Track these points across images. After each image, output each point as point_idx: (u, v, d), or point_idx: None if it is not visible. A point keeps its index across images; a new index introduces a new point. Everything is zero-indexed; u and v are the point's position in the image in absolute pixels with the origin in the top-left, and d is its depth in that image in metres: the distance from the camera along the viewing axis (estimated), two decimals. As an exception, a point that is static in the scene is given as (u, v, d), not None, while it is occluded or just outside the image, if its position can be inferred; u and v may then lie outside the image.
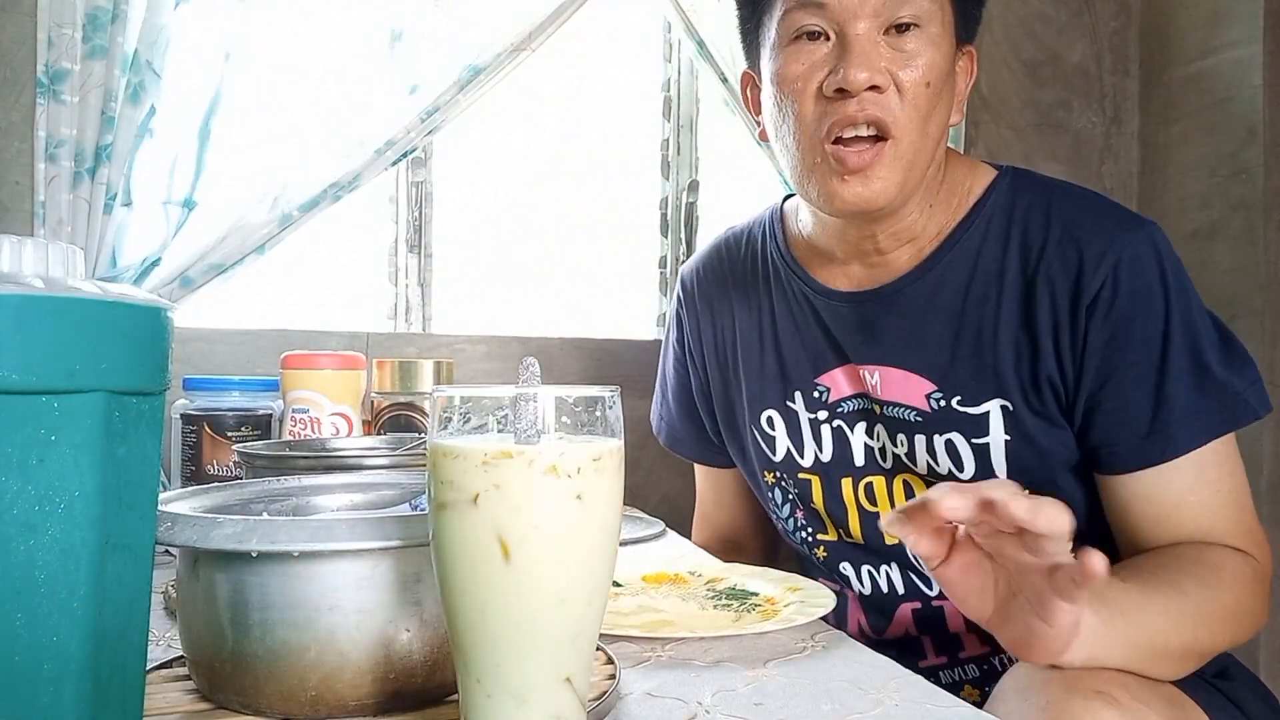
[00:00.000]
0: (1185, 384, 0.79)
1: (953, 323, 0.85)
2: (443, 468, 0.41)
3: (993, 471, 0.84)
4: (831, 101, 0.79)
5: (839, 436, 0.92)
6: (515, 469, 0.40)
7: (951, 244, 0.86)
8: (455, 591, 0.42)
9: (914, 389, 0.86)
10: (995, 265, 0.84)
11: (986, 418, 0.84)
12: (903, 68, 0.79)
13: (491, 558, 0.40)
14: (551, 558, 0.41)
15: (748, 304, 0.99)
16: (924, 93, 0.79)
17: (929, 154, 0.83)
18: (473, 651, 0.42)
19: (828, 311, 0.92)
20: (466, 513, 0.40)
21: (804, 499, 0.96)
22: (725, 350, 1.02)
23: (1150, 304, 0.79)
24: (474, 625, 0.41)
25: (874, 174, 0.79)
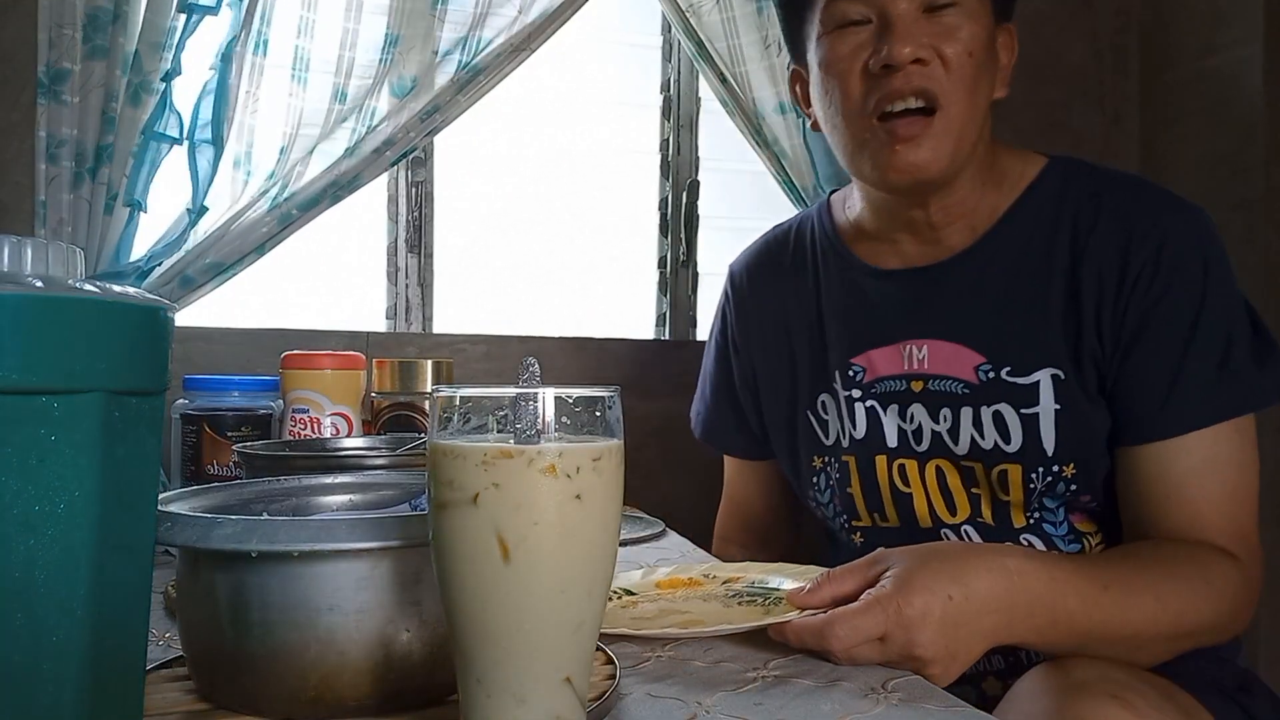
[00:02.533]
0: (1207, 363, 0.81)
1: (1003, 297, 0.87)
2: (442, 467, 0.41)
3: (1040, 444, 0.85)
4: (878, 78, 0.83)
5: (872, 416, 0.94)
6: (515, 469, 0.40)
7: (1004, 224, 0.89)
8: (455, 591, 0.42)
9: (963, 361, 0.88)
10: (1045, 245, 0.86)
11: (1036, 387, 0.85)
12: (944, 41, 0.82)
13: (491, 557, 0.40)
14: (551, 557, 0.41)
15: (798, 292, 1.02)
16: (968, 62, 0.83)
17: (977, 125, 0.85)
18: (472, 651, 0.42)
19: (875, 290, 0.94)
20: (466, 512, 0.40)
21: (842, 483, 0.97)
22: (779, 340, 1.03)
23: (1188, 282, 0.81)
24: (474, 625, 0.41)
25: (924, 143, 0.82)
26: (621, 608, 0.76)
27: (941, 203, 0.89)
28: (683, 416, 1.73)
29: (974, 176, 0.89)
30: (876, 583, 0.66)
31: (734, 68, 1.66)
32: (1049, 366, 0.85)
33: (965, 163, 0.86)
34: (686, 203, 1.84)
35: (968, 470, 0.89)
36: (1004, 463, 0.86)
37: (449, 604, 0.42)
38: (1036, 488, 0.85)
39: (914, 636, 0.62)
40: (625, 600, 0.78)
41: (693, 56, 1.69)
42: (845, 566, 0.71)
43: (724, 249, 1.88)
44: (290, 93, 1.43)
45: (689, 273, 1.85)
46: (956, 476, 0.90)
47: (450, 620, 0.43)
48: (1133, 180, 0.89)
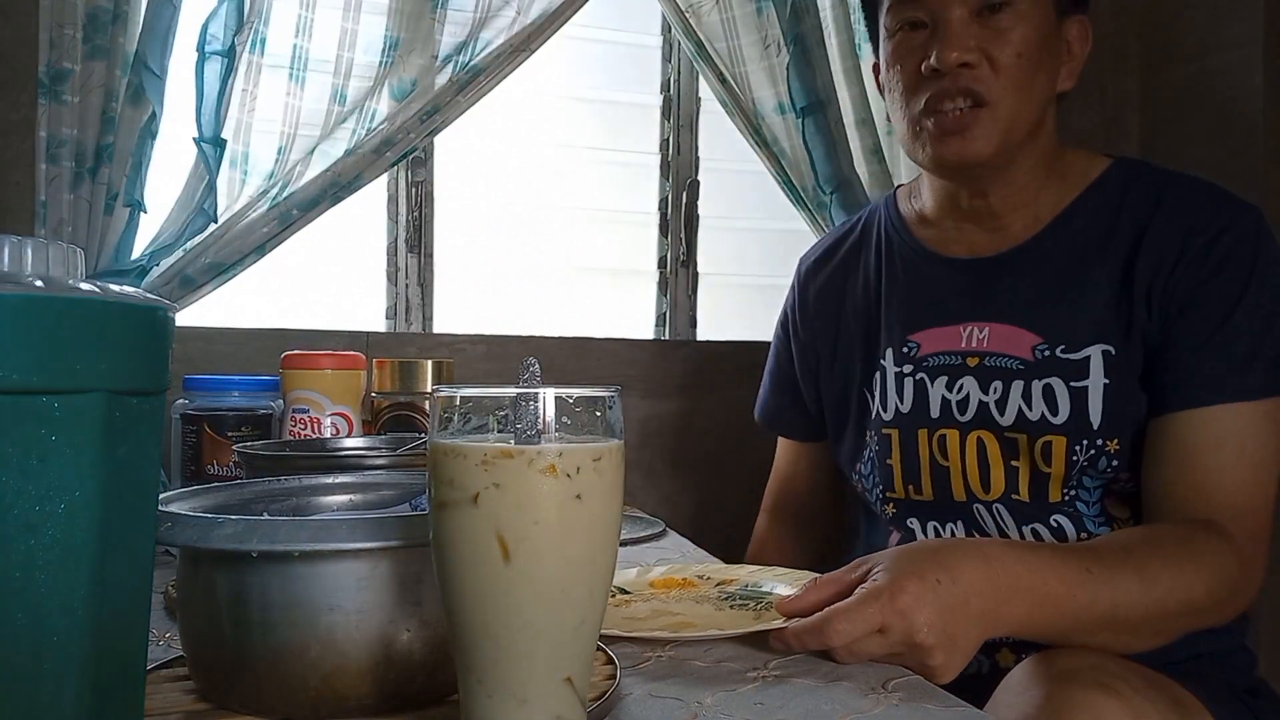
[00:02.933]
0: (1242, 344, 0.83)
1: (1061, 281, 0.91)
2: (443, 467, 0.41)
3: (1087, 416, 0.87)
4: (927, 79, 0.89)
5: (919, 388, 0.97)
6: (515, 469, 0.40)
7: (1066, 216, 0.93)
8: (455, 591, 0.42)
9: (1022, 342, 0.92)
10: (1104, 236, 0.90)
11: (1087, 362, 0.88)
12: (994, 44, 0.87)
13: (491, 557, 0.40)
14: (551, 557, 0.41)
15: (860, 275, 1.07)
16: (1016, 63, 0.87)
17: (1029, 118, 0.90)
18: (473, 651, 0.42)
19: (937, 275, 0.99)
20: (466, 512, 0.41)
21: (881, 454, 1.00)
22: (839, 322, 1.08)
23: (1237, 267, 0.85)
24: (474, 624, 0.41)
25: (971, 133, 0.88)
26: (614, 606, 0.76)
27: (1001, 192, 0.93)
28: (683, 416, 1.73)
29: (1035, 169, 0.93)
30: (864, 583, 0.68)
31: (734, 68, 1.66)
32: (1100, 342, 0.88)
33: (1018, 152, 0.91)
34: (686, 203, 1.84)
35: (1010, 442, 0.92)
36: (1049, 434, 0.89)
37: (449, 604, 0.42)
38: (1079, 461, 0.88)
39: (912, 621, 0.63)
40: (619, 599, 0.79)
41: (692, 57, 1.69)
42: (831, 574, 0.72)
43: (724, 249, 1.89)
44: (289, 93, 1.43)
45: (689, 273, 1.85)
46: (997, 448, 0.92)
47: (451, 620, 0.43)
48: (1195, 179, 0.92)
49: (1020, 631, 0.73)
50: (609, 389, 0.43)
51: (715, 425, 1.74)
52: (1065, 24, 0.92)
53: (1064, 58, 0.93)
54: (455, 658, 0.43)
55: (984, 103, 0.87)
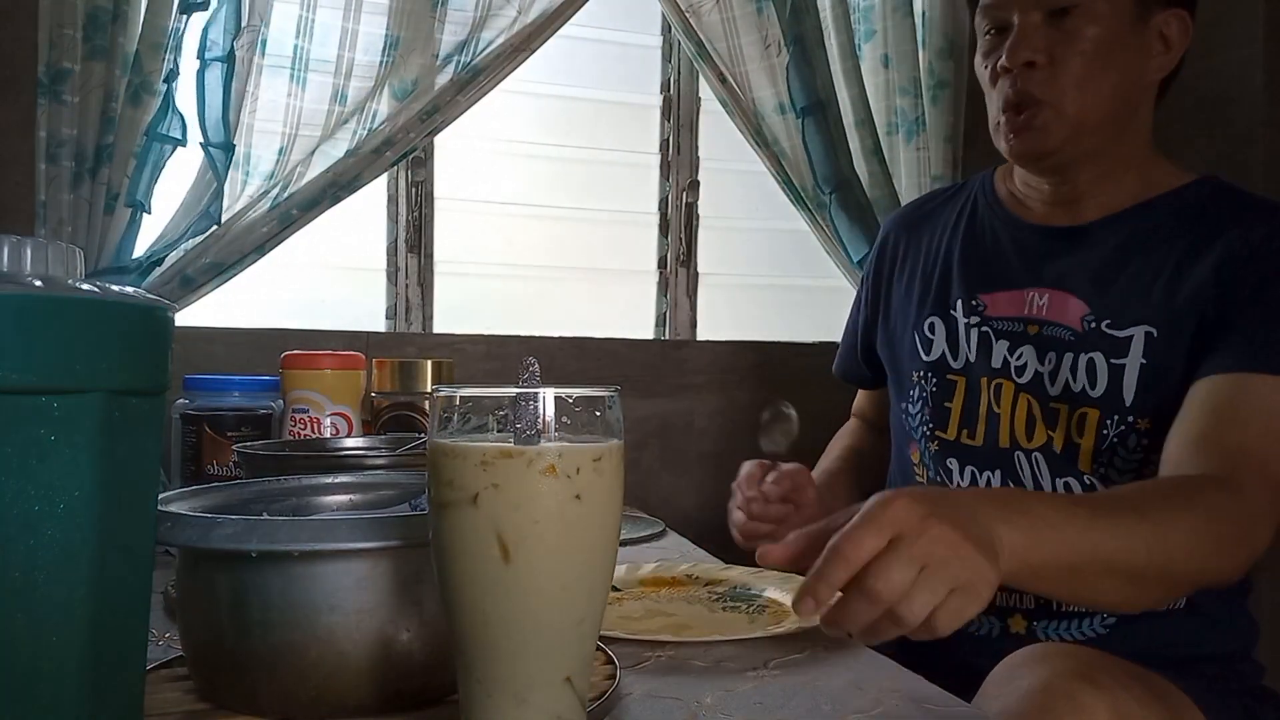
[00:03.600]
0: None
1: (1122, 259, 0.94)
2: (442, 467, 0.41)
3: (1121, 393, 0.90)
4: (999, 77, 0.96)
5: (984, 341, 1.01)
6: (514, 469, 0.40)
7: (1143, 208, 0.96)
8: (455, 591, 0.42)
9: (1072, 310, 0.95)
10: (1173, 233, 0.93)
11: (1129, 341, 0.91)
12: (1061, 45, 0.92)
13: (491, 557, 0.40)
14: (551, 557, 0.40)
15: (943, 228, 1.12)
16: (1078, 62, 0.92)
17: (1099, 111, 0.94)
18: (473, 651, 0.42)
19: (1016, 240, 1.03)
20: (466, 512, 0.40)
21: (939, 398, 1.04)
22: (914, 270, 1.12)
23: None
24: (474, 625, 0.41)
25: (1032, 131, 0.94)
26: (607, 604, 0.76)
27: (1084, 175, 0.97)
28: (683, 416, 1.73)
29: (1122, 158, 0.97)
30: None
31: (734, 68, 1.66)
32: (1145, 323, 0.90)
33: (1092, 141, 0.95)
34: (686, 203, 1.84)
35: (1053, 412, 0.94)
36: (1085, 406, 0.92)
37: (449, 604, 0.42)
38: (1109, 435, 0.90)
39: (915, 512, 0.57)
40: (610, 596, 0.79)
41: (693, 57, 1.69)
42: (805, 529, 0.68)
43: (724, 249, 1.89)
44: (290, 93, 1.43)
45: (689, 273, 1.85)
46: (1040, 412, 0.95)
47: (451, 620, 0.43)
48: (1272, 202, 0.95)
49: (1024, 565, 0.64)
50: (608, 389, 0.43)
51: (715, 425, 1.74)
52: (1154, 19, 0.95)
53: (1154, 50, 0.96)
54: (455, 657, 0.43)
55: (1041, 102, 0.92)
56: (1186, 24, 0.97)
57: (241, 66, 1.38)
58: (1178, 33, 0.97)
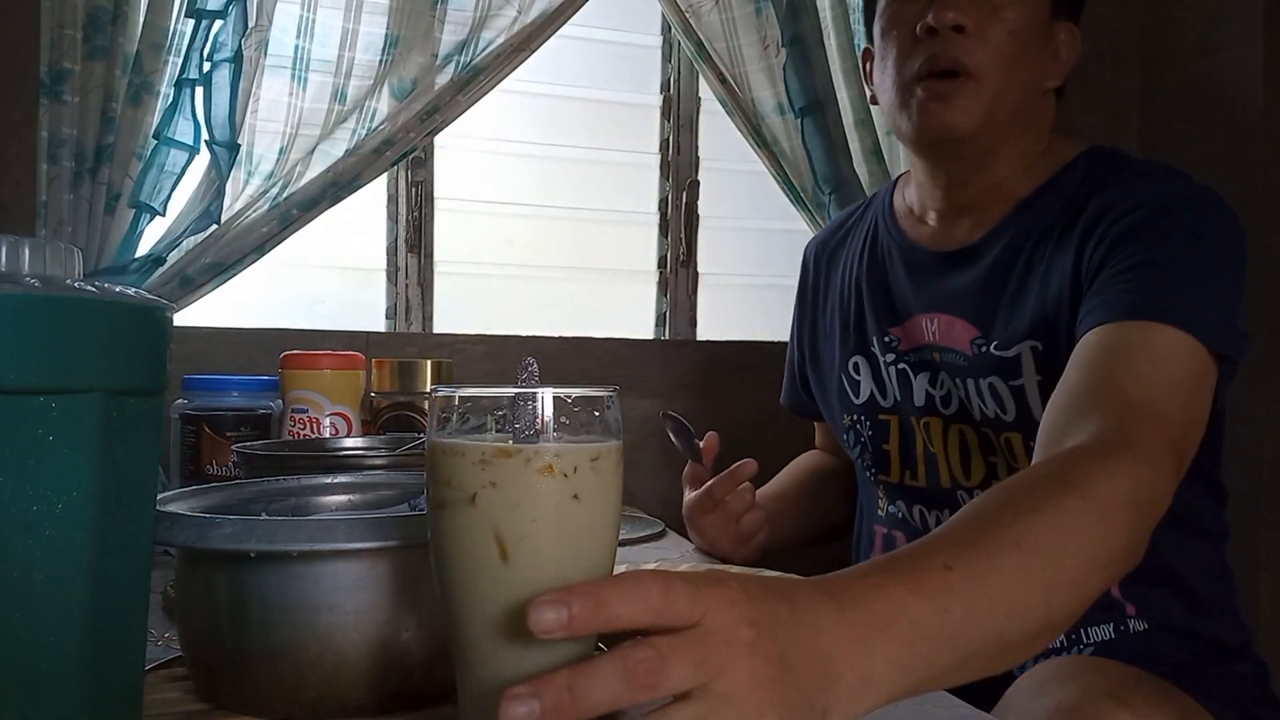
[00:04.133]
0: (1164, 279, 0.77)
1: (1003, 273, 0.90)
2: (441, 466, 0.41)
3: (1030, 413, 0.86)
4: (922, 43, 0.88)
5: (904, 378, 0.99)
6: (513, 468, 0.40)
7: (1023, 208, 0.92)
8: (454, 590, 0.42)
9: (960, 333, 0.92)
10: (1057, 227, 0.88)
11: (1018, 360, 0.87)
12: (989, 16, 0.87)
13: (489, 557, 0.40)
14: (549, 557, 0.41)
15: (852, 261, 1.08)
16: (1008, 40, 0.87)
17: (1014, 101, 0.89)
18: (471, 651, 0.42)
19: (909, 265, 0.99)
20: (464, 511, 0.41)
21: (876, 440, 1.01)
22: (831, 307, 1.10)
23: (1174, 221, 0.81)
24: (472, 624, 0.41)
25: (956, 103, 0.87)
26: None
27: (981, 184, 0.93)
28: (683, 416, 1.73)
29: (1015, 161, 0.92)
30: None
31: (734, 68, 1.66)
32: (1030, 339, 0.86)
33: (1001, 138, 0.90)
34: (686, 203, 1.84)
35: (985, 436, 0.92)
36: (1006, 431, 0.89)
37: (448, 603, 0.42)
38: None
39: (744, 613, 0.40)
40: None
41: (692, 57, 1.68)
42: None
43: (724, 249, 1.89)
44: (290, 93, 1.43)
45: (689, 273, 1.85)
46: (976, 441, 0.93)
47: (449, 619, 0.43)
48: (1156, 165, 0.91)
49: (904, 690, 0.46)
50: (607, 389, 0.43)
51: (715, 425, 1.73)
52: (1058, 25, 0.92)
53: (1053, 56, 0.92)
54: (454, 657, 0.43)
55: (970, 74, 0.86)
56: (1077, 40, 0.94)
57: (249, 66, 1.38)
58: (1069, 45, 0.93)
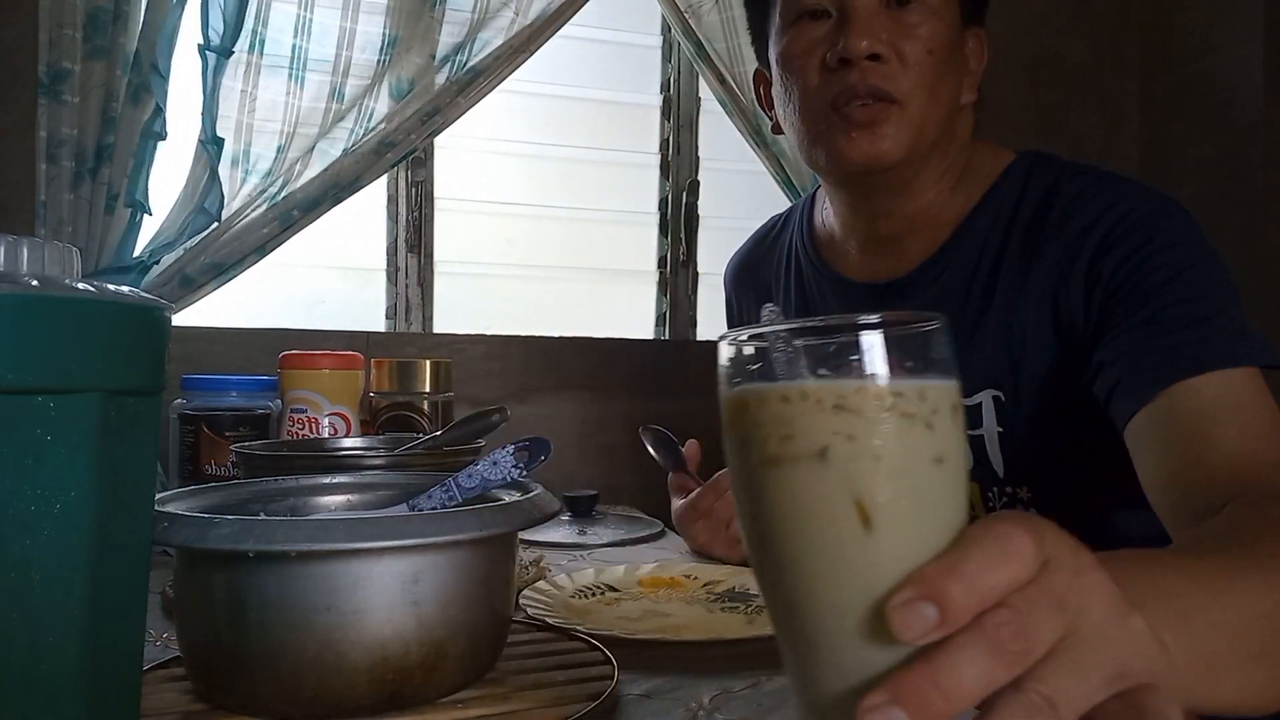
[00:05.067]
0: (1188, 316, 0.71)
1: (955, 313, 0.83)
2: (775, 417, 0.33)
3: (990, 465, 0.82)
4: (834, 73, 0.80)
5: None
6: (874, 413, 0.32)
7: (963, 231, 0.85)
8: (794, 568, 0.33)
9: None
10: (999, 249, 0.83)
11: (980, 409, 0.82)
12: (904, 38, 0.79)
13: (847, 526, 0.32)
14: (919, 520, 0.33)
15: (778, 291, 1.02)
16: (928, 60, 0.80)
17: (937, 124, 0.82)
18: (821, 643, 0.33)
19: (848, 302, 0.92)
20: (810, 471, 0.33)
21: None
22: None
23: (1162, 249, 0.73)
24: (822, 611, 0.33)
25: (881, 131, 0.79)
26: (605, 605, 0.76)
27: (903, 212, 0.86)
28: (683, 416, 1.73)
29: (940, 182, 0.86)
30: None
31: (733, 68, 1.66)
32: (990, 387, 0.82)
33: (924, 163, 0.84)
34: (686, 203, 1.84)
35: None
36: None
37: (783, 586, 0.34)
38: (995, 508, 0.83)
39: (1066, 542, 0.34)
40: (608, 597, 0.79)
41: (692, 57, 1.69)
42: None
43: (724, 249, 1.88)
44: (289, 92, 1.43)
45: (689, 273, 1.85)
46: None
47: (785, 609, 0.34)
48: (1096, 170, 0.83)
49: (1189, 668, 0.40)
50: (934, 319, 0.34)
51: (715, 425, 1.72)
52: (969, 31, 0.86)
53: (967, 67, 0.86)
54: (793, 654, 0.35)
55: (893, 100, 0.79)
56: (984, 46, 0.88)
57: (240, 64, 1.38)
58: (976, 53, 0.87)
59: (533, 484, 0.61)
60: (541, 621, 0.67)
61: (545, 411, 1.63)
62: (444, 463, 0.79)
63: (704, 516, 0.98)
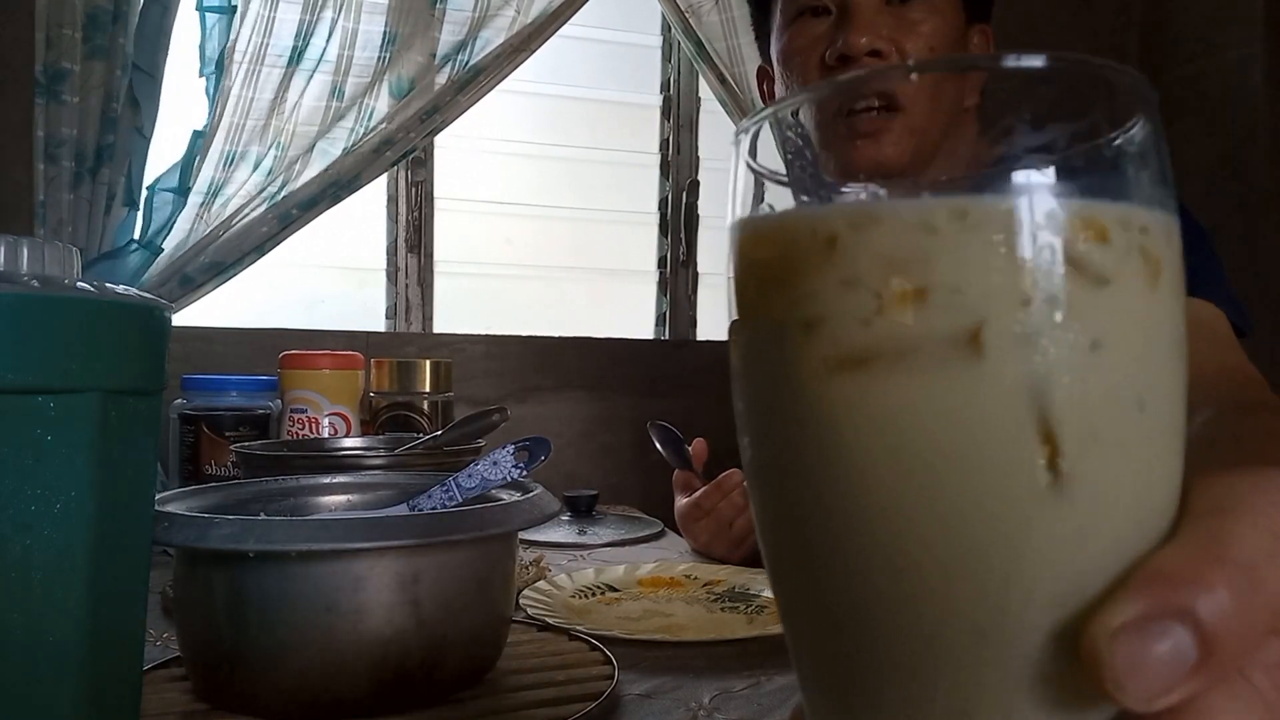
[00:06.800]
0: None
1: None
2: (892, 256, 0.18)
3: None
4: (834, 71, 0.79)
5: None
6: (1111, 261, 0.18)
7: None
8: (887, 567, 0.18)
9: None
10: None
11: None
12: (906, 36, 0.79)
13: (1025, 469, 0.17)
14: (1143, 478, 0.19)
15: None
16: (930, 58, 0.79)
17: (941, 127, 0.82)
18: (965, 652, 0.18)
19: None
20: (958, 373, 0.17)
21: None
22: None
23: None
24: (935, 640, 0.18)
25: (886, 140, 0.79)
26: (605, 605, 0.76)
27: None
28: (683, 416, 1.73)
29: None
30: None
31: (733, 68, 1.66)
32: None
33: (927, 166, 0.82)
34: (686, 203, 1.84)
35: None
36: None
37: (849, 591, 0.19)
38: None
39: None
40: (609, 597, 0.79)
41: (692, 57, 1.68)
42: None
43: (724, 249, 1.88)
44: (288, 89, 1.43)
45: (689, 273, 1.85)
46: None
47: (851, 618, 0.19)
48: None
49: None
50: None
51: (715, 425, 1.73)
52: (972, 29, 0.85)
53: None
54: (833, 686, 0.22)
55: (896, 106, 0.78)
56: (990, 43, 0.87)
57: (239, 64, 1.38)
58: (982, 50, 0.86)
59: (533, 484, 0.61)
60: (541, 621, 0.67)
61: (545, 411, 1.63)
62: (444, 463, 0.79)
63: (707, 516, 0.98)
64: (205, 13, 1.36)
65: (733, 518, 0.96)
